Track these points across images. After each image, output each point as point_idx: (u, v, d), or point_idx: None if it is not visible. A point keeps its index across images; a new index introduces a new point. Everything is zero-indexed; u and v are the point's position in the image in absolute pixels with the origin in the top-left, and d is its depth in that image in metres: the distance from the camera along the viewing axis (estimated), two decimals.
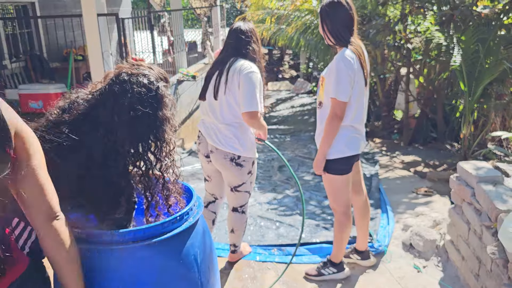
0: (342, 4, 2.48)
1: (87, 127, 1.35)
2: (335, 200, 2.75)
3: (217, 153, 2.71)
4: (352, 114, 2.54)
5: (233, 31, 2.74)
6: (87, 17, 5.60)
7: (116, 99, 1.37)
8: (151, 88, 1.40)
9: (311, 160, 6.40)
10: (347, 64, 2.42)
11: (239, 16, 12.33)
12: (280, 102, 15.03)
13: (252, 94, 2.56)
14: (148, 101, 1.38)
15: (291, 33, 9.61)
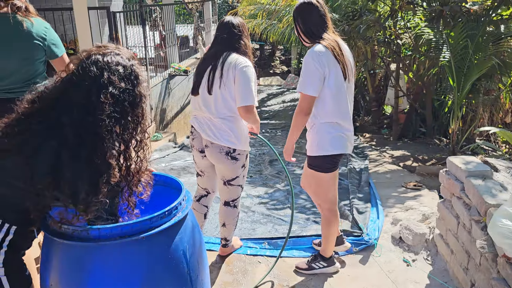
0: (313, 4, 2.51)
1: (58, 112, 1.34)
2: (320, 197, 2.78)
3: (212, 147, 2.72)
4: (333, 109, 2.52)
5: (224, 25, 2.73)
6: (77, 10, 5.54)
7: (92, 79, 1.35)
8: (126, 65, 1.41)
9: (301, 154, 6.43)
10: (314, 58, 2.41)
11: (231, 11, 12.30)
12: (271, 97, 15.04)
13: (248, 88, 2.57)
14: (125, 78, 1.39)
15: (282, 28, 9.60)
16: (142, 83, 1.44)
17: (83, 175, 1.30)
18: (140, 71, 1.46)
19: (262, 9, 10.26)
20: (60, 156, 1.28)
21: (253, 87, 2.61)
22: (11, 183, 1.33)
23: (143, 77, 1.46)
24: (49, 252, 1.39)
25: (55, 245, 1.37)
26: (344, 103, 2.56)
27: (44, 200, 1.33)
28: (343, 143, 2.61)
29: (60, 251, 1.35)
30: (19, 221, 1.39)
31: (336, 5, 8.91)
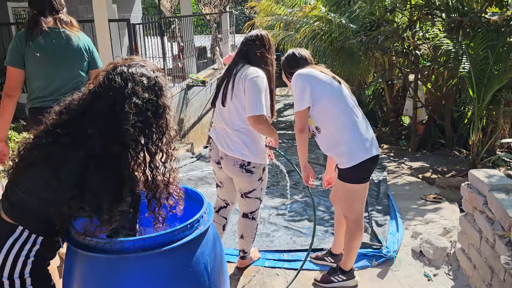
0: (296, 56, 2.75)
1: (85, 123, 1.36)
2: (349, 208, 2.72)
3: (227, 160, 2.73)
4: (342, 119, 2.55)
5: (246, 38, 2.78)
6: (98, 22, 5.66)
7: (117, 89, 1.38)
8: (151, 77, 1.44)
9: (319, 165, 6.40)
10: (297, 77, 2.59)
11: (248, 22, 12.39)
12: (288, 107, 15.03)
13: (256, 98, 2.57)
14: (149, 89, 1.41)
15: (300, 39, 9.63)
16: (166, 94, 1.46)
17: (108, 185, 1.32)
18: (164, 83, 1.48)
19: (279, 20, 10.31)
20: (86, 167, 1.31)
21: (263, 97, 2.60)
22: (38, 194, 1.35)
23: (167, 88, 1.48)
24: (72, 263, 1.41)
25: (79, 257, 1.38)
26: (352, 110, 2.61)
27: (70, 210, 1.35)
28: (369, 147, 2.59)
29: (83, 263, 1.37)
30: (45, 231, 1.41)
31: (354, 16, 8.92)
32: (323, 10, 8.52)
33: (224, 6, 11.37)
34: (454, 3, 5.70)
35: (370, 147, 2.59)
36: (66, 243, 1.49)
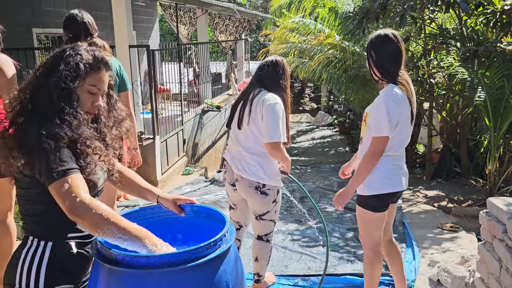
0: (390, 38, 2.41)
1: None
2: (365, 236, 2.66)
3: (242, 182, 2.75)
4: (392, 148, 2.45)
5: (263, 63, 2.84)
6: (119, 48, 5.82)
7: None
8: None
9: (332, 192, 6.37)
10: (395, 100, 2.35)
11: (263, 49, 12.60)
12: (301, 134, 15.09)
13: (275, 124, 2.61)
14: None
15: (314, 66, 9.75)
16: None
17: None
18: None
19: (293, 47, 10.48)
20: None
21: (281, 123, 2.64)
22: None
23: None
24: (98, 277, 1.43)
25: (104, 271, 1.41)
26: (403, 142, 2.50)
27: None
28: (398, 179, 2.51)
29: (109, 277, 1.39)
30: (48, 234, 1.48)
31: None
32: (337, 38, 8.66)
33: (240, 33, 11.61)
34: (469, 32, 5.76)
35: (398, 179, 2.51)
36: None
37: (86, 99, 1.49)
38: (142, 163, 6.05)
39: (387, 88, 2.42)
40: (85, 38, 2.76)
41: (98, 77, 1.51)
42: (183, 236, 1.78)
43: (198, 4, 8.59)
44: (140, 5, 10.06)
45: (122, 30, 5.78)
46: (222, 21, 11.37)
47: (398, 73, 2.43)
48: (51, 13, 7.55)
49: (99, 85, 1.51)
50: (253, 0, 24.58)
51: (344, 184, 7.02)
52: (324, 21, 10.11)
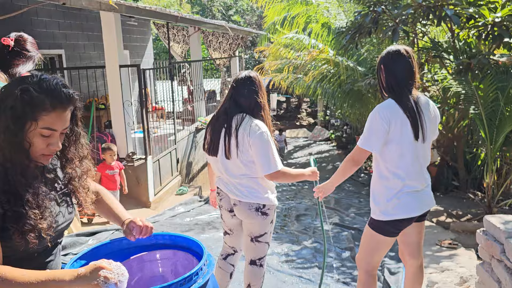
0: (400, 54, 2.34)
1: None
2: (365, 257, 2.53)
3: (241, 206, 2.65)
4: (399, 168, 2.33)
5: (234, 82, 2.70)
6: (109, 68, 5.79)
7: None
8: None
9: (329, 209, 6.26)
10: (380, 112, 2.28)
11: (257, 65, 12.60)
12: (298, 149, 15.02)
13: (268, 155, 2.50)
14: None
15: (308, 82, 9.73)
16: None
17: None
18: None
19: (287, 63, 10.47)
20: None
21: (272, 151, 2.53)
22: None
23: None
24: None
25: None
26: (415, 164, 2.38)
27: None
28: (411, 204, 2.38)
29: None
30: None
31: (362, 58, 9.02)
32: (330, 53, 8.65)
33: (234, 50, 11.61)
34: (462, 45, 5.73)
35: (413, 205, 2.39)
36: None
37: (39, 142, 1.31)
38: (134, 183, 5.98)
39: (382, 103, 2.34)
40: None
41: (52, 118, 1.30)
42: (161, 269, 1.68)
43: (190, 23, 8.59)
44: (133, 24, 10.08)
45: (112, 50, 5.75)
46: (216, 38, 11.37)
47: (405, 89, 2.33)
48: (43, 34, 7.53)
49: (54, 127, 1.31)
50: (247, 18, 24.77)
51: (340, 200, 6.91)
52: (318, 37, 10.12)
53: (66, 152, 1.46)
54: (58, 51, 8.17)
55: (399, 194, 2.36)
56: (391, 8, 5.84)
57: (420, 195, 2.43)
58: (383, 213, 2.37)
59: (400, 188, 2.36)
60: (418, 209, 2.41)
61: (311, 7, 10.03)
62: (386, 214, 2.37)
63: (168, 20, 7.45)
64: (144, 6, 6.23)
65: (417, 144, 2.36)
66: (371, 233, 2.46)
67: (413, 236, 2.55)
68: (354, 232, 4.89)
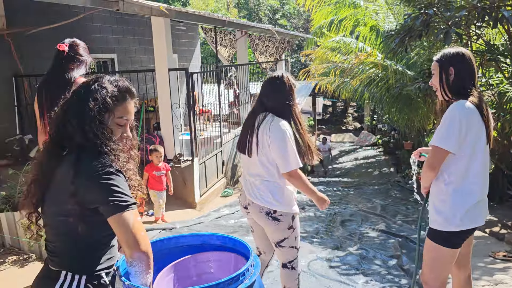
0: (465, 57, 2.27)
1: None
2: (432, 273, 2.37)
3: (253, 206, 2.67)
4: (468, 174, 2.22)
5: (264, 82, 2.71)
6: (159, 71, 5.95)
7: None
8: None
9: (375, 216, 6.13)
10: (462, 113, 2.16)
11: (303, 69, 12.56)
12: (343, 154, 14.81)
13: (285, 153, 2.48)
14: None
15: (355, 85, 9.59)
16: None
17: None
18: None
19: (334, 67, 10.37)
20: None
21: (290, 150, 2.49)
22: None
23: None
24: None
25: None
26: (483, 169, 2.28)
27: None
28: (477, 213, 2.27)
29: None
30: (84, 268, 1.45)
31: (411, 62, 8.79)
32: (379, 57, 8.48)
33: (280, 54, 11.63)
34: None
35: (478, 214, 2.27)
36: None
37: (116, 131, 1.51)
38: (181, 184, 6.11)
39: (458, 102, 2.22)
40: None
41: (125, 108, 1.52)
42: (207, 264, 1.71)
43: (237, 27, 8.69)
44: (182, 29, 10.32)
45: (162, 54, 5.92)
46: (262, 42, 11.44)
47: (471, 92, 2.25)
48: (97, 39, 7.86)
49: (126, 116, 1.53)
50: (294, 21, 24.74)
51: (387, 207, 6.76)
52: (365, 40, 9.97)
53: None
54: (111, 55, 8.51)
55: (468, 203, 2.22)
56: (443, 10, 5.65)
57: (483, 203, 2.32)
58: (450, 223, 2.23)
59: (469, 197, 2.23)
60: (482, 219, 2.29)
61: (359, 10, 9.88)
62: (454, 225, 2.23)
63: (216, 24, 7.58)
64: (193, 11, 6.37)
65: (486, 149, 2.27)
66: (436, 247, 2.31)
67: (464, 245, 2.39)
68: (401, 240, 4.76)
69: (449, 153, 2.18)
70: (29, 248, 3.58)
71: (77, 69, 2.88)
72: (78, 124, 1.44)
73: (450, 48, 2.35)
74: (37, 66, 6.73)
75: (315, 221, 5.95)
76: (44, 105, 2.88)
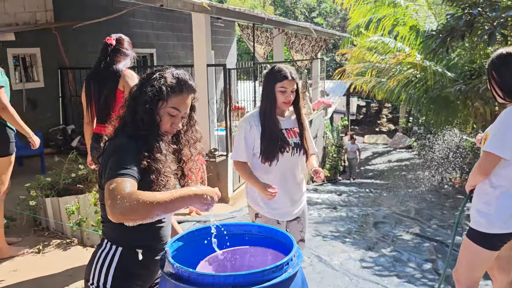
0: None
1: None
2: (465, 272, 2.37)
3: None
4: None
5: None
6: (197, 67, 6.04)
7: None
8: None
9: (409, 219, 6.05)
10: None
11: (339, 69, 12.46)
12: (376, 156, 14.62)
13: (235, 143, 2.51)
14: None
15: (392, 86, 9.45)
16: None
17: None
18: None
19: (371, 67, 10.24)
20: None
21: (237, 141, 2.48)
22: None
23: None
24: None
25: (171, 286, 1.41)
26: None
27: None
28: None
29: None
30: (121, 240, 1.54)
31: (452, 63, 8.58)
32: (418, 57, 8.33)
33: (316, 52, 11.58)
34: None
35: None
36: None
37: (166, 120, 1.56)
38: (215, 179, 6.20)
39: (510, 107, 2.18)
40: None
41: (179, 100, 1.57)
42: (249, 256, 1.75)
43: (275, 24, 8.71)
44: (219, 25, 10.43)
45: (201, 50, 6.00)
46: (298, 40, 11.42)
47: None
48: (138, 34, 8.05)
49: (179, 108, 1.57)
50: (330, 20, 24.55)
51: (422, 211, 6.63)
52: (404, 40, 9.79)
53: (184, 133, 1.71)
54: (150, 50, 8.71)
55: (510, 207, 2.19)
56: (488, 10, 5.51)
57: None
58: (494, 225, 2.20)
59: None
60: None
61: (399, 9, 9.71)
62: (497, 227, 2.20)
63: (254, 21, 7.63)
64: (234, 8, 6.44)
65: None
66: (474, 247, 2.28)
67: (505, 249, 2.36)
68: (436, 244, 4.68)
69: (502, 159, 2.14)
70: (71, 233, 3.72)
71: (122, 62, 2.99)
72: (132, 107, 1.54)
73: (502, 49, 2.29)
74: (80, 59, 6.97)
75: (347, 221, 5.92)
76: (92, 96, 3.00)
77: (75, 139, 6.64)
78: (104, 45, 2.98)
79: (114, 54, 2.97)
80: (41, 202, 3.86)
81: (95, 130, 3.03)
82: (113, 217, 1.31)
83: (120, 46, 3.00)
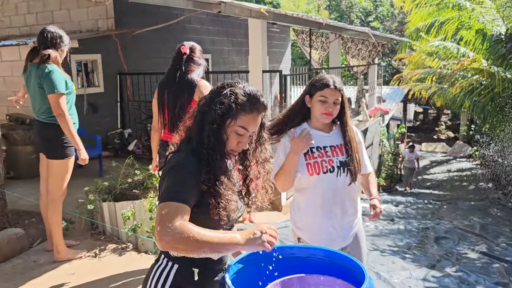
0: None
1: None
2: None
3: None
4: None
5: None
6: (253, 73, 5.99)
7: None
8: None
9: (474, 235, 5.66)
10: None
11: (397, 75, 12.01)
12: (434, 165, 13.99)
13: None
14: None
15: (455, 93, 8.97)
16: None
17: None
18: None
19: (431, 72, 9.78)
20: None
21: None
22: None
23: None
24: None
25: None
26: None
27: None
28: None
29: None
30: (178, 258, 1.47)
31: None
32: (484, 63, 7.83)
33: (373, 58, 11.23)
34: None
35: None
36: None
37: (233, 138, 1.49)
38: None
39: None
40: (44, 48, 3.11)
41: (249, 119, 1.48)
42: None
43: (333, 29, 8.51)
44: (275, 31, 10.37)
45: (257, 56, 5.94)
46: (355, 45, 11.12)
47: None
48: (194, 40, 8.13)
49: (248, 127, 1.49)
50: (387, 24, 23.87)
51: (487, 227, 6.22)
52: (469, 45, 9.26)
53: (252, 152, 1.61)
54: (206, 56, 8.78)
55: None
56: None
57: None
58: None
59: None
60: None
61: (464, 12, 9.19)
62: None
63: (311, 26, 7.48)
64: (291, 14, 6.33)
65: None
66: None
67: None
68: (507, 265, 4.31)
69: None
70: (127, 238, 3.75)
71: (196, 71, 2.94)
72: (199, 122, 1.48)
73: None
74: (138, 65, 7.13)
75: (406, 234, 5.62)
76: (165, 104, 2.97)
77: (132, 143, 6.79)
78: (178, 54, 2.94)
79: (188, 63, 2.93)
80: (98, 206, 3.92)
81: (164, 137, 3.01)
82: (160, 245, 1.30)
83: (193, 54, 2.96)
